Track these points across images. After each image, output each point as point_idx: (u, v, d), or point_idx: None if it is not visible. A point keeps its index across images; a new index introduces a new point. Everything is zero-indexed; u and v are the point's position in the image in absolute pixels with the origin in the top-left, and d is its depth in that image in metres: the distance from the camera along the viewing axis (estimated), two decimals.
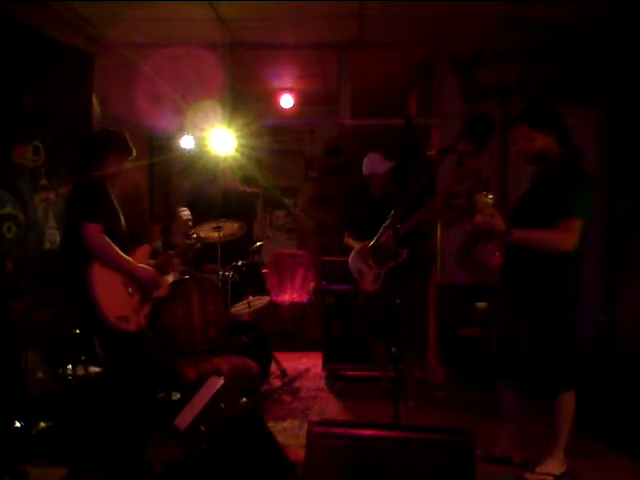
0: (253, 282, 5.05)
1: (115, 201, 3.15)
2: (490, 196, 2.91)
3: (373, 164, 4.30)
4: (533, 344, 2.97)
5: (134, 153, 3.20)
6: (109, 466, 2.96)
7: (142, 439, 3.10)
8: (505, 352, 3.12)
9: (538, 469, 3.01)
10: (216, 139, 5.19)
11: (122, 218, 3.16)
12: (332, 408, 4.34)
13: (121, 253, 2.95)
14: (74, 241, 2.93)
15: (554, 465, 3.01)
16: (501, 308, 3.18)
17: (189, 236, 4.25)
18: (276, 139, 7.31)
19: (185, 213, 4.98)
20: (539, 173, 3.07)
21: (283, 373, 4.96)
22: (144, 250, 3.21)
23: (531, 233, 2.92)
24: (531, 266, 2.97)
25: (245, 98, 5.98)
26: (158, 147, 6.17)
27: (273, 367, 4.88)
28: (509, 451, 3.18)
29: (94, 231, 2.85)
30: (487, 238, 3.45)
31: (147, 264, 3.12)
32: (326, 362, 5.02)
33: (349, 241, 4.43)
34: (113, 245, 2.91)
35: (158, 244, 4.78)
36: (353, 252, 4.38)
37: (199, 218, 5.03)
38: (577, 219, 2.86)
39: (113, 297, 2.90)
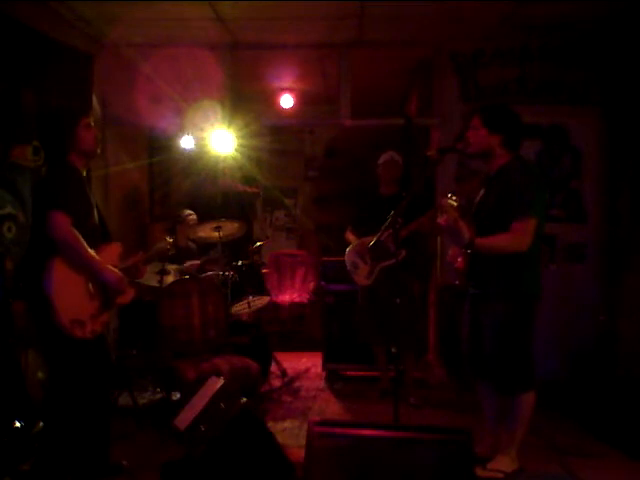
0: (253, 282, 5.05)
1: (90, 193, 2.93)
2: (454, 198, 2.99)
3: (387, 155, 4.41)
4: (495, 344, 3.00)
5: (92, 112, 3.04)
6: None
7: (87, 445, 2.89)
8: (474, 353, 3.15)
9: (489, 465, 3.04)
10: (216, 139, 5.19)
11: (95, 212, 2.93)
12: (332, 408, 4.34)
13: (89, 250, 2.70)
14: (39, 231, 2.70)
15: (506, 462, 3.05)
16: (468, 310, 3.22)
17: (192, 239, 4.27)
18: (276, 139, 7.30)
19: (192, 217, 5.00)
20: (491, 176, 3.12)
21: (283, 373, 4.96)
22: (113, 249, 2.96)
23: (490, 241, 2.96)
24: (493, 268, 3.01)
25: (245, 98, 5.97)
26: (158, 147, 6.17)
27: (273, 367, 4.88)
28: (494, 450, 3.17)
29: (62, 222, 2.62)
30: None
31: (115, 266, 2.88)
32: (326, 362, 5.02)
33: (350, 237, 4.48)
34: (81, 240, 2.67)
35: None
36: (350, 247, 4.42)
37: (199, 218, 5.04)
38: (530, 219, 2.91)
39: (71, 298, 2.66)
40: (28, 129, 3.99)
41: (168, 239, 3.63)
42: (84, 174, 2.95)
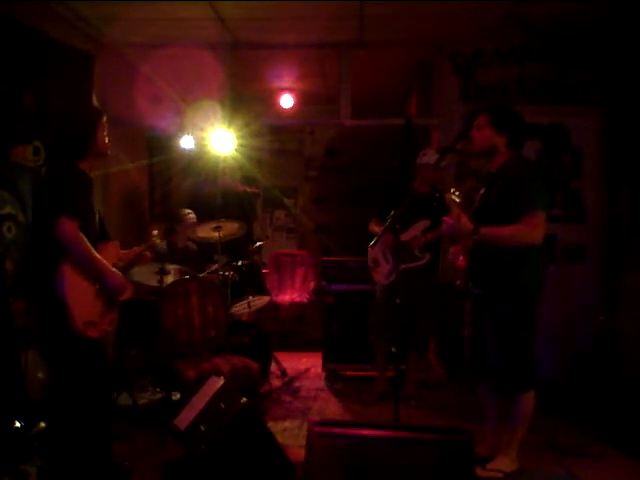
0: (253, 282, 5.05)
1: (92, 195, 2.87)
2: (457, 193, 2.99)
3: (426, 154, 4.23)
4: (496, 343, 3.00)
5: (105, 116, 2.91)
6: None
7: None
8: (476, 353, 3.16)
9: (489, 465, 3.04)
10: (216, 139, 5.19)
11: (97, 213, 2.91)
12: (332, 408, 4.34)
13: (96, 254, 2.69)
14: (46, 235, 2.62)
15: (505, 462, 3.04)
16: (470, 311, 3.22)
17: (192, 238, 4.26)
18: (276, 139, 7.31)
19: (191, 217, 5.00)
20: (494, 174, 3.12)
21: (283, 373, 4.96)
22: (112, 247, 2.95)
23: (499, 230, 2.95)
24: (494, 266, 3.00)
25: (245, 98, 5.98)
26: (158, 147, 6.17)
27: (273, 367, 4.88)
28: (494, 450, 3.17)
29: (71, 228, 2.57)
30: (453, 240, 3.51)
31: (115, 263, 2.87)
32: (326, 362, 5.02)
33: (375, 228, 4.27)
34: (88, 244, 2.64)
35: (162, 244, 4.77)
36: (374, 240, 4.24)
37: (199, 218, 5.04)
38: (540, 211, 2.91)
39: (82, 301, 2.65)
40: (28, 129, 3.99)
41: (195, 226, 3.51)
42: (91, 176, 2.89)
